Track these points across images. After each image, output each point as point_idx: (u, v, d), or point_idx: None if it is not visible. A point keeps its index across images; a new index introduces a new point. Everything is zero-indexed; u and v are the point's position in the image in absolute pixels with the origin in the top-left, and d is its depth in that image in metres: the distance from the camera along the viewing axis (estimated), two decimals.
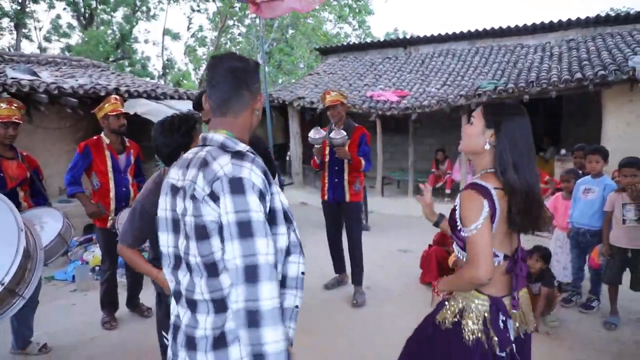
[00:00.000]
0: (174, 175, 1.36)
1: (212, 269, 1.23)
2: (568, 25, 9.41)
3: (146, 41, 28.06)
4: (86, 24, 19.16)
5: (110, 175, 3.59)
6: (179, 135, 2.05)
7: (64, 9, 19.47)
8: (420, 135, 10.53)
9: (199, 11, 20.16)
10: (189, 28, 21.15)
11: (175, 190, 1.33)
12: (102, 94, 6.18)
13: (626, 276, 3.54)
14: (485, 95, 7.14)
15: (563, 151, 7.59)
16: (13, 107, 3.13)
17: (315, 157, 4.23)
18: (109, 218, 3.58)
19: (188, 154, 1.38)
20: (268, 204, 1.26)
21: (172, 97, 7.28)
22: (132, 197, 3.72)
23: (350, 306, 4.03)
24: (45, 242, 2.86)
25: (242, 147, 1.31)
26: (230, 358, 1.23)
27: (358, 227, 4.26)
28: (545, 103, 9.66)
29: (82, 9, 19.29)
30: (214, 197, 1.19)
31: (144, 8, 20.05)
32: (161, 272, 1.96)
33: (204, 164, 1.24)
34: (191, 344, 1.28)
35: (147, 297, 4.02)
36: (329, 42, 17.37)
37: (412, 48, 11.21)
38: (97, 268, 4.76)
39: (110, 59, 18.82)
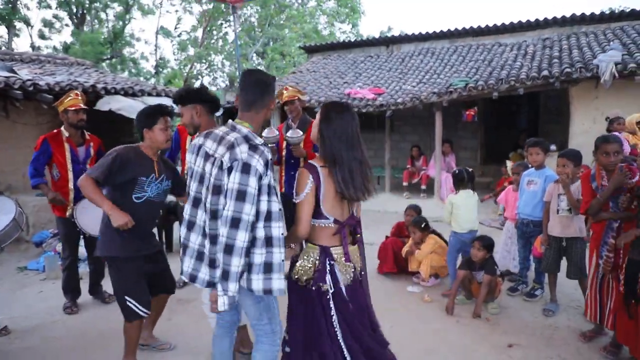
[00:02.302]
0: (209, 145, 1.96)
1: (214, 215, 1.88)
2: (545, 24, 9.55)
3: (138, 39, 28.25)
4: (78, 22, 19.30)
5: (69, 166, 3.72)
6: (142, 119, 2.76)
7: (56, 7, 19.59)
8: (403, 133, 10.68)
9: (190, 12, 20.33)
10: (176, 27, 21.36)
11: (207, 156, 1.95)
12: (79, 90, 6.33)
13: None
14: (456, 92, 7.29)
15: None
16: None
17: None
18: (68, 207, 3.73)
19: (219, 132, 1.97)
20: (264, 182, 1.88)
21: (149, 94, 7.43)
22: None
23: None
24: (0, 227, 3.05)
25: (259, 141, 1.93)
26: (216, 273, 1.89)
27: None
28: (531, 102, 9.82)
29: (74, 8, 19.41)
30: (230, 170, 1.82)
31: (137, 5, 20.17)
32: (114, 208, 2.59)
33: (232, 147, 1.85)
34: (200, 257, 2.00)
35: (107, 285, 4.18)
36: (320, 42, 17.52)
37: (395, 47, 11.36)
38: None
39: (104, 58, 18.97)
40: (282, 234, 1.95)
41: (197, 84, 21.58)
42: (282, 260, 1.94)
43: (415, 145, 9.05)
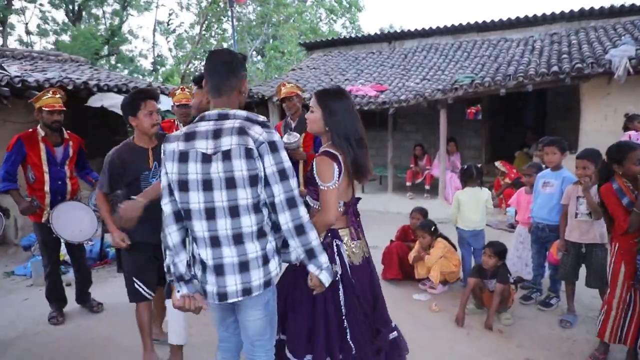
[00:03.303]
0: (201, 145, 1.71)
1: (257, 207, 1.75)
2: (552, 19, 9.28)
3: (136, 37, 27.94)
4: (74, 19, 19.05)
5: (45, 168, 3.45)
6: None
7: (51, 4, 19.29)
8: (406, 131, 10.43)
9: (187, 8, 20.08)
10: (169, 23, 21.12)
11: (206, 157, 1.70)
12: (70, 87, 6.09)
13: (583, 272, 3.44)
14: (462, 89, 7.04)
15: None
16: None
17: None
18: (44, 212, 3.47)
19: (204, 128, 1.74)
20: None
21: None
22: (69, 191, 3.61)
23: None
24: None
25: (262, 118, 1.79)
26: (271, 268, 1.81)
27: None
28: (538, 98, 9.57)
29: (70, 4, 19.15)
30: (261, 155, 1.69)
31: (134, 2, 19.92)
32: (116, 230, 2.66)
33: (244, 132, 1.69)
34: (245, 267, 1.75)
35: (96, 292, 3.97)
36: (319, 38, 17.25)
37: (397, 43, 11.09)
38: None
39: (101, 55, 18.73)
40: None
41: None
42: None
43: (419, 144, 8.79)
